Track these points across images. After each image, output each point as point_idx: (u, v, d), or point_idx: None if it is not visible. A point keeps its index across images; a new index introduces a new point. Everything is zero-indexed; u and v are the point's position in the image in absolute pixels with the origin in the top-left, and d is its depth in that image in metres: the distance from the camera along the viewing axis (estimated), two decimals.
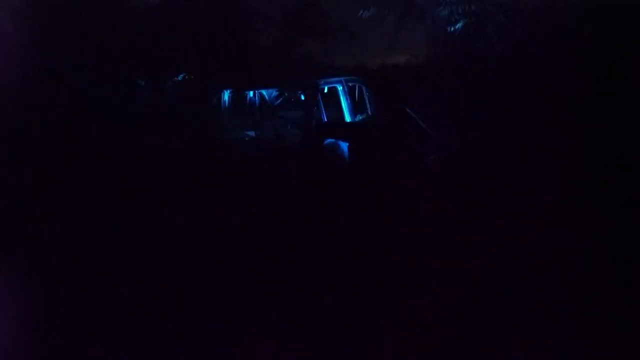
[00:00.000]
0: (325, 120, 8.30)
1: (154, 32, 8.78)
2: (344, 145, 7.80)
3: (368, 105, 8.80)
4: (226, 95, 8.85)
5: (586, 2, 7.40)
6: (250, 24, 8.88)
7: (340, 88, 8.48)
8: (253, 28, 8.90)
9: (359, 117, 8.65)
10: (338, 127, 8.12)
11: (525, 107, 6.92)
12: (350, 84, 8.61)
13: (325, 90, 8.49)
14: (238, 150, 8.20)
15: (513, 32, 8.04)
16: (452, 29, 8.19)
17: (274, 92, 8.99)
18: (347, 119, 8.46)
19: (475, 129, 7.11)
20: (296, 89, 8.65)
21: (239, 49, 8.76)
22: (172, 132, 8.60)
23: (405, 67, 8.80)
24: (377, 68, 9.27)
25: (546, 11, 7.84)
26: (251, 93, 8.98)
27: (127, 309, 4.25)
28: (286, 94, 8.86)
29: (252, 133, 8.54)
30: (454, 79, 7.53)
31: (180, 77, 9.32)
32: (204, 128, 9.79)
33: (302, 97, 8.52)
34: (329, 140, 7.67)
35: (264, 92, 8.84)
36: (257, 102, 9.01)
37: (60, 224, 5.71)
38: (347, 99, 8.50)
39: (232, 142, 8.43)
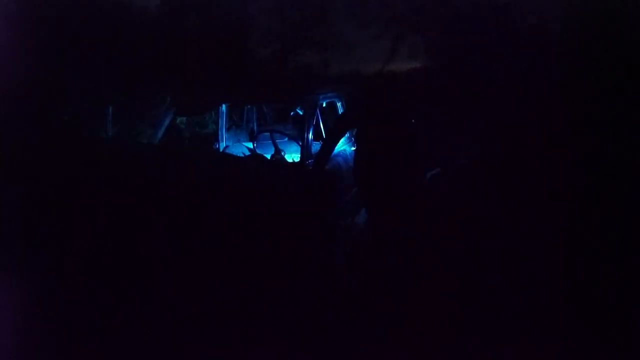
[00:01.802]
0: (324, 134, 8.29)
1: (148, 44, 8.71)
2: (344, 161, 7.79)
3: None
4: (223, 109, 8.80)
5: (569, 26, 7.58)
6: (249, 37, 8.86)
7: (339, 104, 8.49)
8: (252, 40, 8.88)
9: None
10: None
11: (518, 121, 7.05)
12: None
13: (324, 105, 8.49)
14: (235, 165, 8.13)
15: (504, 51, 8.17)
16: (449, 44, 8.29)
17: (272, 107, 8.95)
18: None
19: (475, 143, 7.19)
20: (295, 104, 8.62)
21: (236, 62, 8.72)
22: (167, 147, 8.51)
23: (403, 80, 8.82)
24: (375, 82, 9.29)
25: (535, 29, 8.00)
26: (249, 106, 8.94)
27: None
28: (285, 109, 8.83)
29: (249, 146, 8.50)
30: (454, 93, 7.58)
31: (175, 90, 9.22)
32: (200, 143, 9.72)
33: (301, 113, 8.51)
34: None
35: (263, 106, 8.80)
36: (254, 116, 8.97)
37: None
38: None
39: (229, 157, 8.37)
